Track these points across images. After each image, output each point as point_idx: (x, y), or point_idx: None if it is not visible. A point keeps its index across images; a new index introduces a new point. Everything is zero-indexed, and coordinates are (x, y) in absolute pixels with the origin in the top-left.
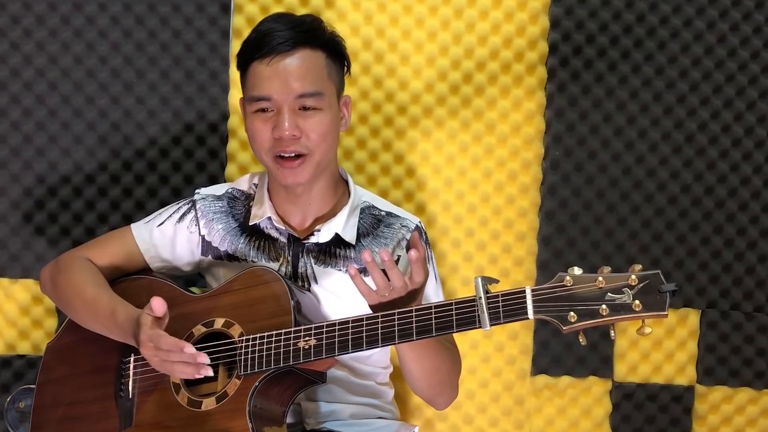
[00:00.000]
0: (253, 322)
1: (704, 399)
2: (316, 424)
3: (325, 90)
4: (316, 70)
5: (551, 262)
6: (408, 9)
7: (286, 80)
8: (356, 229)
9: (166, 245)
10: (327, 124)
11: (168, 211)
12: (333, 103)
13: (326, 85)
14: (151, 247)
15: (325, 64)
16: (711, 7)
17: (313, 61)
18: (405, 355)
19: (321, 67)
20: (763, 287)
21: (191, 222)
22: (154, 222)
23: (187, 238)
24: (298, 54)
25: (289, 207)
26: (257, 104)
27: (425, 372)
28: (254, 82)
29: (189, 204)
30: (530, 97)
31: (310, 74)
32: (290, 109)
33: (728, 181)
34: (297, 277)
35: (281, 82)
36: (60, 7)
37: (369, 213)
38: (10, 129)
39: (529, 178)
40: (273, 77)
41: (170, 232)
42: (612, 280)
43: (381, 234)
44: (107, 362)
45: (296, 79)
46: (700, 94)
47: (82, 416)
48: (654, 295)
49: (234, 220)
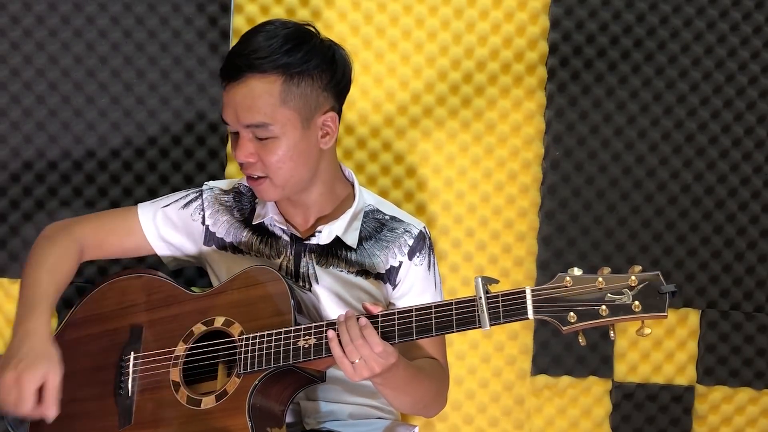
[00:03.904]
0: (253, 321)
1: (704, 399)
2: (315, 423)
3: (275, 119)
4: (264, 100)
5: (551, 262)
6: (408, 9)
7: (234, 110)
8: (358, 233)
9: (169, 227)
10: (284, 149)
11: (175, 196)
12: (293, 128)
13: (277, 114)
14: (153, 227)
15: (279, 90)
16: (711, 7)
17: (262, 89)
18: (381, 392)
19: (272, 95)
20: (763, 287)
21: (196, 210)
22: (160, 203)
23: (189, 224)
24: (246, 82)
25: (290, 209)
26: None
27: (405, 405)
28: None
29: (197, 193)
30: (530, 97)
31: (255, 104)
32: (246, 136)
33: (728, 181)
34: (298, 277)
35: (232, 111)
36: (60, 7)
37: (372, 217)
38: (10, 129)
39: (529, 178)
40: (228, 105)
41: (174, 215)
42: (612, 281)
43: (383, 238)
44: (107, 360)
45: (242, 109)
46: (700, 94)
47: (82, 414)
48: (654, 296)
49: (239, 214)
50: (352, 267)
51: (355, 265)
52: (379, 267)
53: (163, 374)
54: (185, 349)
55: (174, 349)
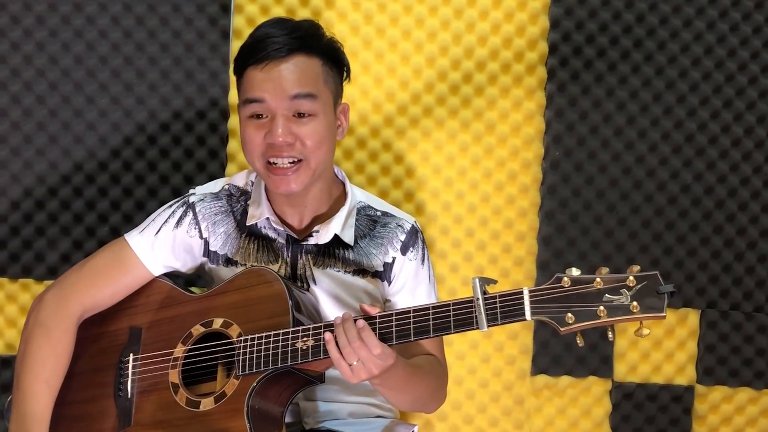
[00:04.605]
0: (251, 322)
1: (704, 399)
2: (314, 423)
3: (320, 94)
4: (310, 75)
5: (551, 262)
6: (408, 9)
7: (279, 83)
8: (353, 230)
9: (168, 252)
10: (322, 130)
11: (162, 217)
12: (329, 110)
13: (321, 90)
14: (152, 257)
15: (321, 70)
16: (711, 7)
17: (308, 66)
18: (380, 392)
19: (316, 73)
20: (763, 287)
21: (190, 226)
22: (151, 230)
23: (187, 242)
24: (293, 60)
25: (286, 209)
26: (250, 107)
27: (404, 403)
28: (248, 87)
29: (183, 206)
30: (530, 97)
31: (304, 78)
32: (284, 116)
33: (728, 181)
34: (296, 278)
35: (275, 85)
36: (60, 7)
37: (365, 214)
38: (10, 129)
39: (529, 178)
40: (266, 81)
41: (169, 238)
42: (610, 281)
43: (378, 235)
44: (106, 362)
45: (290, 82)
46: (700, 94)
47: (81, 415)
48: (652, 296)
49: (233, 219)
50: (348, 266)
51: (352, 264)
52: (376, 265)
53: (162, 376)
54: (184, 350)
55: (173, 351)
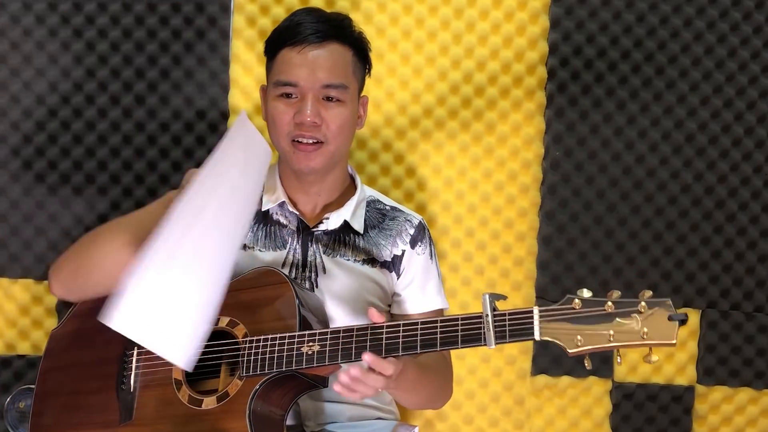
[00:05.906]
0: (257, 323)
1: (704, 399)
2: (315, 426)
3: (349, 84)
4: (342, 64)
5: (551, 262)
6: (408, 9)
7: (314, 69)
8: (363, 220)
9: None
10: (347, 117)
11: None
12: (354, 99)
13: (350, 80)
14: None
15: (351, 60)
16: (711, 8)
17: (341, 55)
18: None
19: (347, 63)
20: (763, 287)
21: None
22: None
23: None
24: (328, 47)
25: (300, 196)
26: (282, 89)
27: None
28: (282, 68)
29: None
30: (530, 97)
31: (336, 67)
32: (314, 97)
33: (728, 181)
34: (306, 266)
35: (309, 71)
36: (60, 7)
37: (374, 207)
38: (10, 129)
39: (529, 178)
40: (302, 65)
41: None
42: (621, 306)
43: (387, 227)
44: (110, 354)
45: (324, 69)
46: (700, 94)
47: (83, 406)
48: (663, 322)
49: None
50: (359, 255)
51: (362, 252)
52: (385, 255)
53: (166, 372)
54: None
55: None
